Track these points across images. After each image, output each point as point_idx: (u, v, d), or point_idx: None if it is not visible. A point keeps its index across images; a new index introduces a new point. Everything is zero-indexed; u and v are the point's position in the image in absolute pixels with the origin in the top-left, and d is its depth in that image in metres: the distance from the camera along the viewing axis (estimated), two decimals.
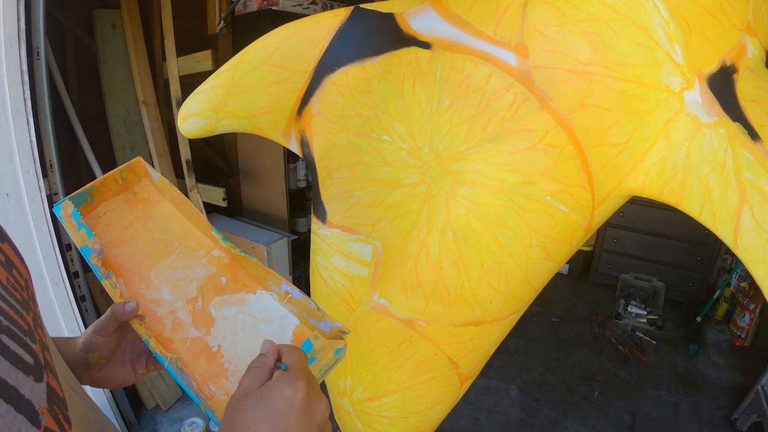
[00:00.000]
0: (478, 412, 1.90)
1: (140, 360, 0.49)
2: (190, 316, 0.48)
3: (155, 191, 0.57)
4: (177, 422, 1.82)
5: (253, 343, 0.47)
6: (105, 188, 0.54)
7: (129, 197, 0.56)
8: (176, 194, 0.56)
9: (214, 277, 0.52)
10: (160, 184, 0.57)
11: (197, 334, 0.47)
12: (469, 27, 0.56)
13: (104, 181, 0.54)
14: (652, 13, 0.47)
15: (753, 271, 0.45)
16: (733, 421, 1.85)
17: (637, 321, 2.50)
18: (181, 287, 0.50)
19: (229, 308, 0.50)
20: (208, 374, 0.44)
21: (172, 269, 0.51)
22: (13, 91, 1.20)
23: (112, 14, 1.73)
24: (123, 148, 1.85)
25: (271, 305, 0.51)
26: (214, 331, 0.47)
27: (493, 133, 0.55)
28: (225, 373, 0.45)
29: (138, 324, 0.45)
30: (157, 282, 0.50)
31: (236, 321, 0.49)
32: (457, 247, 0.59)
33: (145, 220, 0.55)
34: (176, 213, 0.56)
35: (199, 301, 0.49)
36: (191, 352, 0.45)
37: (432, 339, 0.66)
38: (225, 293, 0.51)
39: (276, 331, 0.49)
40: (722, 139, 0.46)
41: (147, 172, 0.57)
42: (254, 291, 0.52)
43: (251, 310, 0.50)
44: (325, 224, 0.70)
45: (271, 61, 0.66)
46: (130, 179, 0.57)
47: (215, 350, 0.46)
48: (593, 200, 0.56)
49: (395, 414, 0.76)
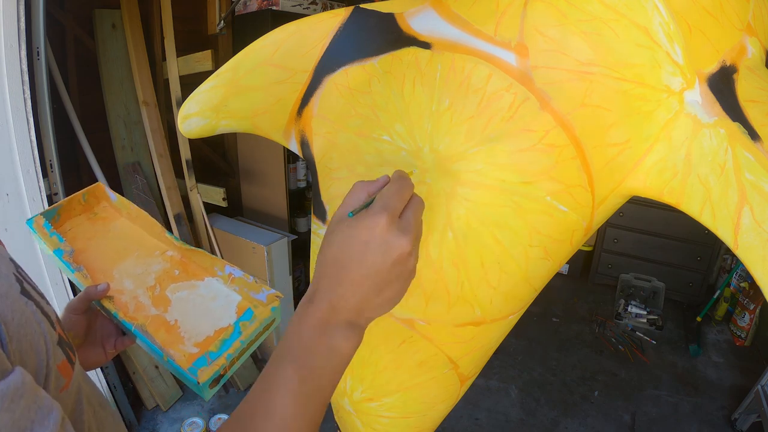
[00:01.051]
0: (478, 412, 1.90)
1: (109, 341, 0.56)
2: (150, 299, 0.58)
3: (113, 210, 0.67)
4: (177, 422, 1.82)
5: (204, 317, 0.58)
6: (70, 208, 0.63)
7: (90, 216, 0.65)
8: (133, 209, 0.66)
9: (168, 270, 0.63)
10: (117, 204, 0.67)
11: (157, 312, 0.57)
12: (469, 27, 0.56)
13: (70, 201, 0.63)
14: (652, 14, 0.47)
15: (753, 271, 0.45)
16: (733, 421, 1.85)
17: (637, 321, 2.50)
18: (141, 279, 0.60)
19: (183, 291, 0.61)
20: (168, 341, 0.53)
21: (132, 267, 0.61)
22: (13, 91, 1.21)
23: (112, 14, 1.73)
24: (123, 148, 1.85)
25: (217, 287, 0.62)
26: (171, 309, 0.57)
27: (493, 133, 0.55)
28: (182, 340, 0.55)
29: (108, 302, 0.54)
30: (120, 277, 0.60)
31: (189, 300, 0.60)
32: (457, 247, 0.59)
33: (105, 232, 0.65)
34: (132, 225, 0.66)
35: (157, 288, 0.60)
36: (153, 326, 0.54)
37: (432, 339, 0.66)
38: (178, 281, 0.62)
39: (222, 306, 0.59)
40: (722, 139, 0.46)
41: (106, 195, 0.67)
42: (202, 278, 0.63)
43: (201, 292, 0.61)
44: (325, 224, 0.70)
45: (271, 61, 0.66)
46: (91, 201, 0.66)
47: (173, 323, 0.56)
48: (593, 200, 0.56)
49: (395, 414, 0.76)
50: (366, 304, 0.38)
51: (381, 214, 0.37)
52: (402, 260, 0.38)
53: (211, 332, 0.56)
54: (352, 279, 0.37)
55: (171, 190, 1.88)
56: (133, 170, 1.87)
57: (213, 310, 0.58)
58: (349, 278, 0.37)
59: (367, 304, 0.38)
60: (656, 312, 2.53)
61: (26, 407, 0.24)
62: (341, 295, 0.37)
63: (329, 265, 0.38)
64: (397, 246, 0.37)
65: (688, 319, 2.54)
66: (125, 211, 0.66)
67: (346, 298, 0.37)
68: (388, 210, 0.37)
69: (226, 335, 0.54)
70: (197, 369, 0.49)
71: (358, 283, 0.37)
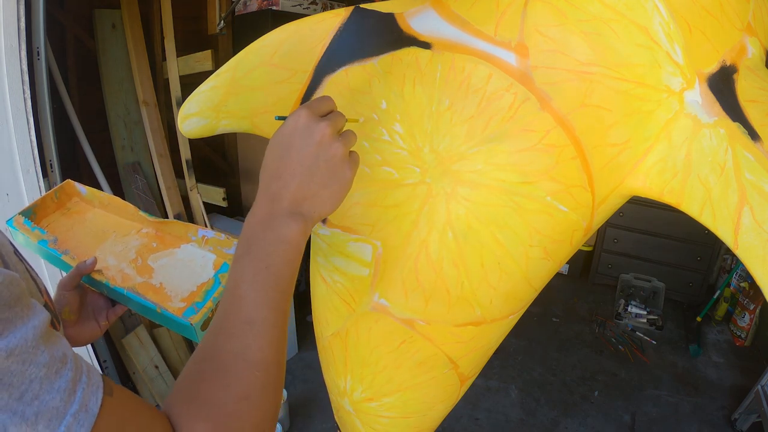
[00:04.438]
0: (478, 412, 1.90)
1: (101, 314, 0.60)
2: (134, 270, 0.63)
3: (85, 204, 0.71)
4: None
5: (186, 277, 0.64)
6: (44, 206, 0.67)
7: (64, 212, 0.70)
8: (103, 197, 0.70)
9: (146, 244, 0.69)
10: (88, 197, 0.71)
11: (143, 280, 0.62)
12: (469, 27, 0.56)
13: (43, 200, 0.67)
14: (652, 14, 0.47)
15: (753, 271, 0.45)
16: (733, 421, 1.85)
17: (637, 321, 2.50)
18: (123, 254, 0.66)
19: (163, 259, 0.66)
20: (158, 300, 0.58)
21: (112, 246, 0.67)
22: (13, 91, 1.20)
23: (112, 14, 1.73)
24: (123, 148, 1.85)
25: (193, 251, 0.68)
26: (155, 275, 0.63)
27: (493, 133, 0.55)
28: (170, 298, 0.61)
29: (98, 275, 0.59)
30: (103, 256, 0.65)
31: (170, 266, 0.66)
32: (457, 247, 0.59)
33: (82, 222, 0.69)
34: (106, 213, 0.72)
35: (138, 260, 0.65)
36: (141, 290, 0.59)
37: (432, 339, 0.66)
38: (157, 251, 0.68)
39: (200, 265, 0.66)
40: (722, 139, 0.46)
41: (77, 191, 0.71)
42: (179, 246, 0.69)
43: (179, 257, 0.67)
44: (325, 224, 0.70)
45: (271, 61, 0.66)
46: (63, 198, 0.70)
47: (158, 286, 0.62)
48: (593, 200, 0.56)
49: (395, 414, 0.76)
50: (302, 192, 0.42)
51: (302, 109, 0.43)
52: (325, 143, 0.43)
53: (194, 288, 0.63)
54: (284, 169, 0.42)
55: (171, 190, 1.87)
56: (133, 170, 1.87)
57: (193, 269, 0.65)
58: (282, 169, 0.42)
59: (304, 192, 0.43)
60: (656, 312, 2.53)
61: None
62: (279, 188, 0.42)
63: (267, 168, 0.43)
64: (317, 129, 0.42)
65: (688, 319, 2.54)
66: (96, 201, 0.71)
67: (282, 189, 0.42)
68: (309, 107, 0.44)
69: (208, 287, 0.61)
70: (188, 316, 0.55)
71: (291, 173, 0.42)
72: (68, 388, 0.28)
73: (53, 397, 0.27)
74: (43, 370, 0.27)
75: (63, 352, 0.29)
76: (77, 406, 0.28)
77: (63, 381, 0.28)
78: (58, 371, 0.28)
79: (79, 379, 0.29)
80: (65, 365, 0.28)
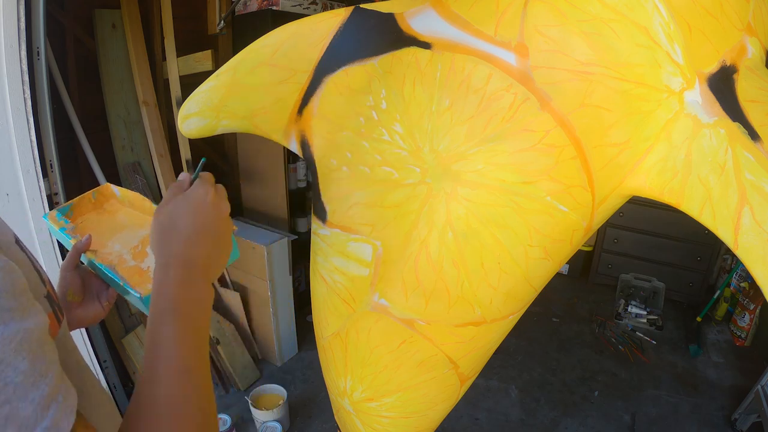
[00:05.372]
0: (478, 412, 1.90)
1: (103, 294, 0.63)
2: (131, 255, 0.67)
3: (119, 205, 0.76)
4: None
5: None
6: (82, 205, 0.72)
7: (99, 212, 0.74)
8: (129, 195, 0.74)
9: None
10: (122, 198, 0.75)
11: (134, 263, 0.66)
12: (469, 27, 0.56)
13: (81, 199, 0.72)
14: (652, 14, 0.47)
15: (753, 271, 0.45)
16: (733, 421, 1.85)
17: (637, 321, 2.50)
18: (128, 242, 0.69)
19: None
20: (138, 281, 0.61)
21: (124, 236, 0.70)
22: (13, 91, 1.20)
23: (112, 14, 1.73)
24: (123, 148, 1.85)
25: None
26: (146, 260, 0.66)
27: (494, 133, 0.55)
28: (150, 280, 0.62)
29: (90, 254, 0.62)
30: (112, 244, 0.69)
31: None
32: (457, 247, 0.59)
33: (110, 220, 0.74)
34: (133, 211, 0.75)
35: (139, 246, 0.68)
36: (129, 272, 0.63)
37: (432, 339, 0.66)
38: None
39: None
40: (722, 139, 0.46)
41: (113, 193, 0.75)
42: None
43: None
44: (325, 224, 0.70)
45: (271, 61, 0.66)
46: (101, 200, 0.75)
47: (145, 269, 0.65)
48: (593, 200, 0.56)
49: (395, 414, 0.76)
50: (212, 261, 0.48)
51: (208, 186, 0.49)
52: (227, 218, 0.50)
53: None
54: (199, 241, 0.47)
55: None
56: (133, 170, 1.87)
57: None
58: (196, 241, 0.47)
59: (213, 261, 0.48)
60: (656, 312, 2.53)
61: None
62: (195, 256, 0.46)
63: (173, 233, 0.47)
64: (225, 207, 0.50)
65: (688, 319, 2.54)
66: (126, 200, 0.75)
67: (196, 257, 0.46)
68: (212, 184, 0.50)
69: None
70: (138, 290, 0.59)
71: (203, 243, 0.47)
72: (42, 403, 0.28)
73: (25, 406, 0.27)
74: (20, 377, 0.27)
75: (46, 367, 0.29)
76: (49, 423, 0.28)
77: (38, 394, 0.28)
78: (35, 383, 0.28)
79: (55, 398, 0.29)
80: (44, 379, 0.28)
